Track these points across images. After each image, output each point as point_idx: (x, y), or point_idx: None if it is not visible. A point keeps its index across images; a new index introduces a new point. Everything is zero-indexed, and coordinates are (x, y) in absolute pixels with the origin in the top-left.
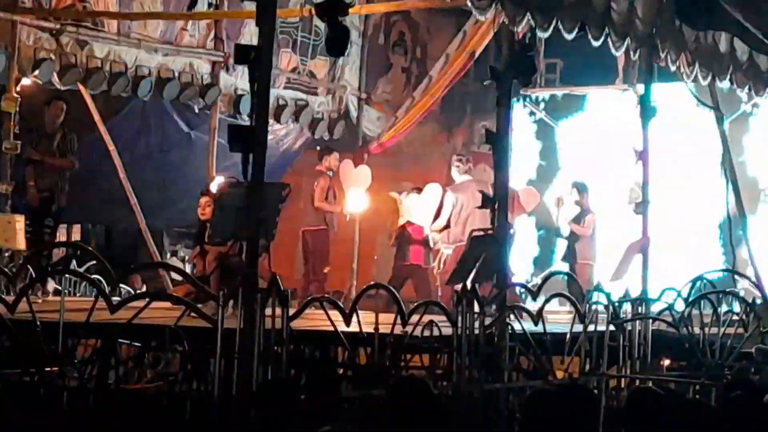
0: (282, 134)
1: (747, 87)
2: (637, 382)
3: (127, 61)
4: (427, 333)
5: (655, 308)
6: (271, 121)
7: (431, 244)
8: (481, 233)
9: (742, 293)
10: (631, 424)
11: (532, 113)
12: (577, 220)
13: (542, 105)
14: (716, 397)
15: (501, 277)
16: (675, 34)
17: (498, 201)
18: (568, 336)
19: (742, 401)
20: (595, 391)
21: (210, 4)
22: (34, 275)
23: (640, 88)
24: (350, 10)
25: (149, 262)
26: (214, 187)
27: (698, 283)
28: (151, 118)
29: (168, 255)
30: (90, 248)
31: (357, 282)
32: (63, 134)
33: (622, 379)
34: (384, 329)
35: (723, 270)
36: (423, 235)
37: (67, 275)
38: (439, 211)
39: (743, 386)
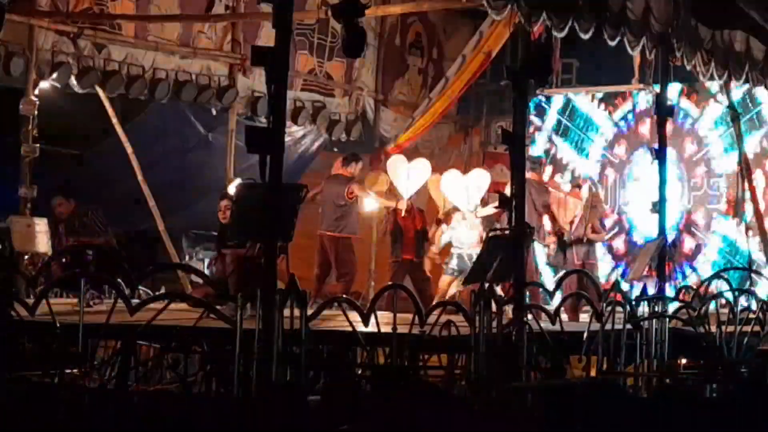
0: (299, 136)
1: (763, 85)
2: (655, 380)
3: (144, 63)
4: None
5: (673, 307)
6: (288, 122)
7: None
8: (498, 233)
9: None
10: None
11: None
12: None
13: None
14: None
15: (518, 276)
16: (691, 33)
17: (515, 201)
18: (585, 335)
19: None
20: None
21: (227, 7)
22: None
23: (657, 87)
24: (366, 12)
25: (168, 263)
26: (232, 190)
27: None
28: (169, 121)
29: (186, 257)
30: (109, 251)
31: (375, 283)
32: (78, 217)
33: (640, 378)
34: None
35: (740, 268)
36: (417, 227)
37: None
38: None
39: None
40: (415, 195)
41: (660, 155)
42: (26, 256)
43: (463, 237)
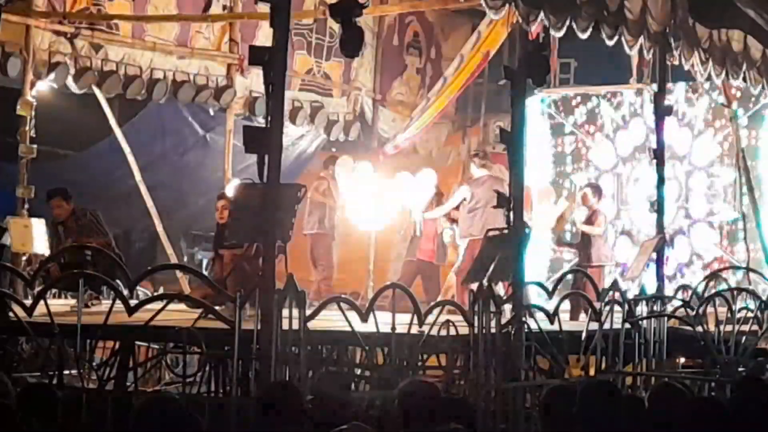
0: (297, 136)
1: (761, 85)
2: (653, 379)
3: (141, 64)
4: (443, 333)
5: (671, 306)
6: (286, 122)
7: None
8: (497, 232)
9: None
10: (653, 420)
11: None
12: (588, 221)
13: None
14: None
15: (517, 276)
16: (688, 32)
17: (514, 200)
18: (584, 334)
19: (753, 398)
20: None
21: (224, 7)
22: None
23: (654, 86)
24: (364, 11)
25: (166, 264)
26: (230, 190)
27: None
28: (167, 121)
29: (185, 258)
30: (107, 251)
31: (374, 283)
32: (76, 218)
33: (638, 377)
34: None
35: (738, 267)
36: (434, 231)
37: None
38: (440, 199)
39: (754, 383)
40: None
41: (658, 155)
42: (24, 257)
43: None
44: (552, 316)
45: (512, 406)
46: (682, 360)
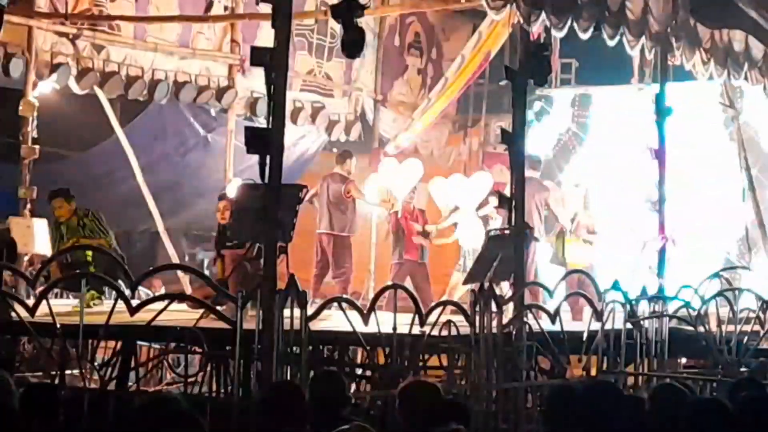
0: (298, 136)
1: (762, 85)
2: (655, 379)
3: (143, 64)
4: (444, 333)
5: (672, 306)
6: (287, 123)
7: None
8: (498, 232)
9: None
10: (655, 420)
11: None
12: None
13: None
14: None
15: (518, 276)
16: (690, 33)
17: (515, 200)
18: (585, 334)
19: (755, 399)
20: None
21: (226, 7)
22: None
23: (656, 86)
24: (365, 12)
25: (168, 264)
26: (231, 191)
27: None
28: (168, 122)
29: (186, 258)
30: (109, 251)
31: (375, 283)
32: (78, 219)
33: (640, 377)
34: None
35: (741, 267)
36: (419, 228)
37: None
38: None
39: (752, 384)
40: (413, 194)
41: (659, 155)
42: (26, 257)
43: (470, 236)
44: (554, 316)
45: (513, 406)
46: (684, 360)
